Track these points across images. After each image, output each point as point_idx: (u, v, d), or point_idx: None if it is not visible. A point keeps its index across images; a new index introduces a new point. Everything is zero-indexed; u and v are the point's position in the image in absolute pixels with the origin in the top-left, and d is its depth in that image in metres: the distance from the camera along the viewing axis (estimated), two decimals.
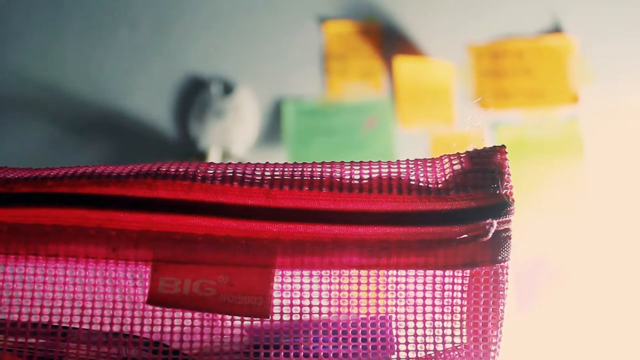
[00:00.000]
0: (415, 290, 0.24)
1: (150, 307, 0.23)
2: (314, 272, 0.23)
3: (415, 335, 0.24)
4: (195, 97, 0.92)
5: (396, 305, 0.24)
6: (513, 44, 0.93)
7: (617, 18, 0.92)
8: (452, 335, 0.24)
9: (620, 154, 0.90)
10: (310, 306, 0.23)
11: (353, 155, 0.91)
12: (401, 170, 0.24)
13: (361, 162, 0.25)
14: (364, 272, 0.23)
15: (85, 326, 0.23)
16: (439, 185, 0.24)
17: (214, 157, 0.88)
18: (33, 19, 0.95)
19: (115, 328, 0.23)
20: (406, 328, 0.24)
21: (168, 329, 0.23)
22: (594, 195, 0.89)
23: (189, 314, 0.23)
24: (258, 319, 0.23)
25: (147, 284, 0.23)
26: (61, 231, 0.23)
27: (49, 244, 0.23)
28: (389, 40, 0.93)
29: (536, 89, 0.92)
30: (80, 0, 0.96)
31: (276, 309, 0.23)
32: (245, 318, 0.23)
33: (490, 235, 0.23)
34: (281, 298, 0.23)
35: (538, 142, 0.91)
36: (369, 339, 0.24)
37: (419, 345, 0.24)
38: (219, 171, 0.23)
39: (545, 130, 0.91)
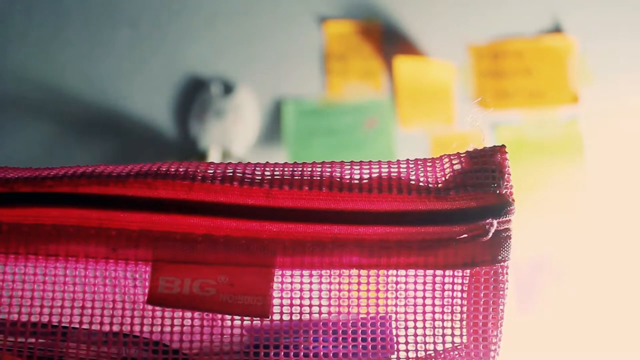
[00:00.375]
0: (415, 290, 0.24)
1: (150, 307, 0.23)
2: (314, 272, 0.23)
3: (415, 335, 0.24)
4: (195, 97, 0.92)
5: (396, 305, 0.24)
6: (513, 44, 0.93)
7: (617, 18, 0.92)
8: (452, 335, 0.24)
9: (620, 154, 0.90)
10: (310, 306, 0.23)
11: (353, 155, 0.91)
12: (401, 170, 0.24)
13: (361, 162, 0.25)
14: (364, 272, 0.23)
15: (85, 326, 0.23)
16: (439, 185, 0.24)
17: (214, 157, 0.88)
18: (33, 19, 0.95)
19: (115, 328, 0.23)
20: (406, 328, 0.24)
21: (168, 328, 0.23)
22: (594, 195, 0.89)
23: (189, 314, 0.23)
24: (258, 319, 0.23)
25: (147, 283, 0.23)
26: (61, 231, 0.23)
27: (49, 243, 0.23)
28: (389, 40, 0.93)
29: (536, 89, 0.92)
30: (80, 0, 0.96)
31: (276, 309, 0.23)
32: (245, 318, 0.23)
33: (490, 235, 0.23)
34: (281, 298, 0.23)
35: (538, 142, 0.91)
36: (369, 339, 0.24)
37: (419, 345, 0.24)
38: (219, 171, 0.23)
39: (545, 131, 0.91)
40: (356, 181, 0.23)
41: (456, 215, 0.23)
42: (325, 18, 0.94)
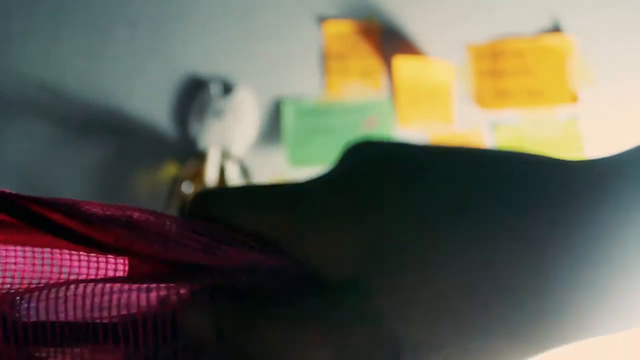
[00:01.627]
0: None
1: None
2: None
3: None
4: (195, 97, 0.93)
5: None
6: (512, 43, 0.93)
7: (617, 18, 0.93)
8: None
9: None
10: None
11: None
12: None
13: None
14: None
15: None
16: None
17: (213, 156, 0.88)
18: (34, 19, 0.95)
19: None
20: None
21: None
22: None
23: None
24: None
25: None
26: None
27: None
28: (388, 40, 0.94)
29: (535, 89, 0.92)
30: (80, 0, 0.96)
31: None
32: None
33: None
34: None
35: (537, 142, 0.91)
36: None
37: None
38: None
39: (545, 130, 0.91)
40: None
41: None
42: (324, 18, 0.94)
